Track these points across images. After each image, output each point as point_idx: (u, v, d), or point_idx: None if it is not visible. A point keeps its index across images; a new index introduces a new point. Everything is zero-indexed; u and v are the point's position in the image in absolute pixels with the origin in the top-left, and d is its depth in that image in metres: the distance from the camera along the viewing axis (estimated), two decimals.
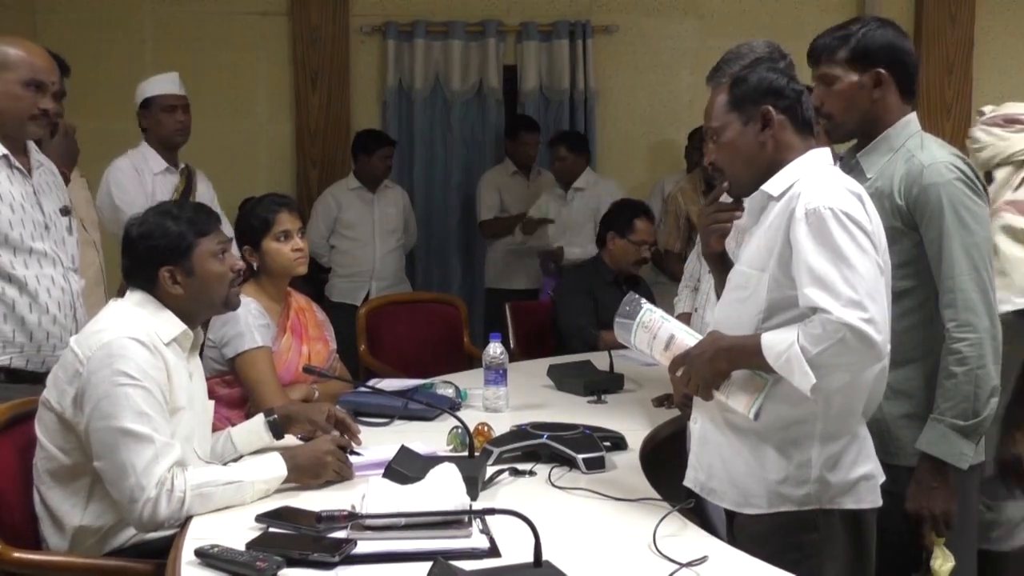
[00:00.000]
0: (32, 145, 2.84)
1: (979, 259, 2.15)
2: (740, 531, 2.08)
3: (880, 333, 1.85)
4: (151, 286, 2.31)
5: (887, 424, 2.23)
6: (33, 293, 2.68)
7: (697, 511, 2.20)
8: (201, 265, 2.32)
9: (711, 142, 2.12)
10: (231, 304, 2.41)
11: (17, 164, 2.72)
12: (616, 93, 5.96)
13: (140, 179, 3.92)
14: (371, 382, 3.15)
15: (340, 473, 2.28)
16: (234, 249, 2.75)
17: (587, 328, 4.10)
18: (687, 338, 2.09)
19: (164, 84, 4.06)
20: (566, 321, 4.20)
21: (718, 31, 5.83)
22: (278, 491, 2.21)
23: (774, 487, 2.00)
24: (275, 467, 2.23)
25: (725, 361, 1.99)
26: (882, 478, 2.05)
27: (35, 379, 2.67)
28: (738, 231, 2.57)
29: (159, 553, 2.08)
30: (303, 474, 2.25)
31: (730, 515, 2.13)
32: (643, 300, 2.16)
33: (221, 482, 2.15)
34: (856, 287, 1.85)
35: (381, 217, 5.22)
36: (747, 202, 2.12)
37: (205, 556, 1.84)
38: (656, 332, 2.10)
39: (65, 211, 2.86)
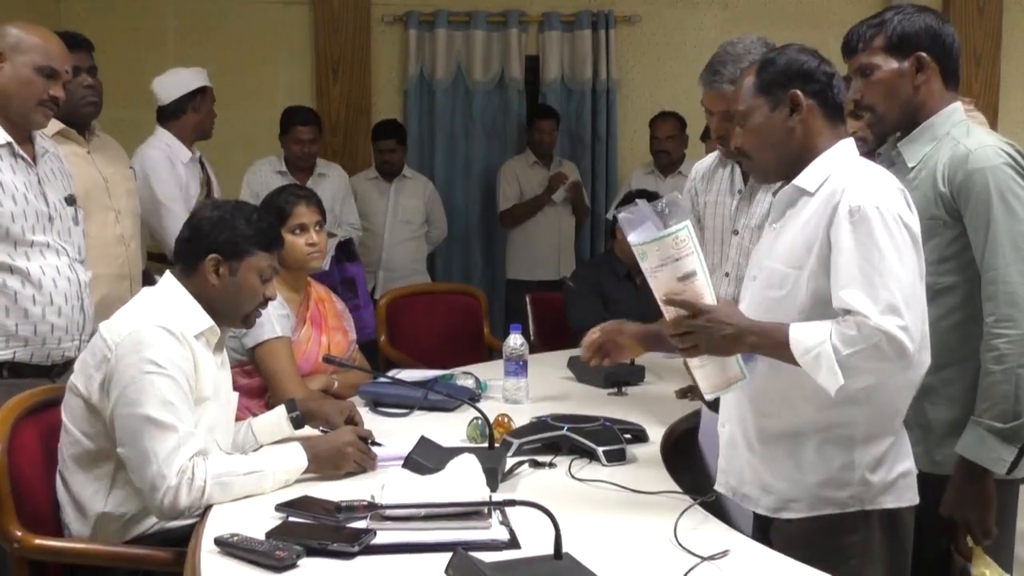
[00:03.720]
0: (37, 132, 2.79)
1: None
2: (777, 535, 2.02)
3: (913, 341, 1.80)
4: (192, 269, 2.33)
5: (933, 431, 2.15)
6: (37, 284, 2.63)
7: (717, 504, 2.18)
8: (246, 273, 2.35)
9: (737, 126, 2.05)
10: (249, 322, 2.44)
11: (21, 153, 2.67)
12: (638, 83, 5.93)
13: (174, 170, 3.95)
14: (391, 373, 3.15)
15: (361, 464, 2.28)
16: None
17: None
18: (707, 290, 1.93)
19: (206, 76, 4.09)
20: (573, 323, 4.16)
21: (742, 21, 5.78)
22: (298, 481, 2.21)
23: (815, 490, 1.95)
24: (295, 458, 2.23)
25: (746, 344, 1.90)
26: (915, 473, 1.99)
27: (40, 373, 2.66)
28: (752, 228, 2.53)
29: (180, 541, 2.09)
30: (323, 465, 2.25)
31: (764, 519, 2.07)
32: (687, 221, 1.91)
33: (241, 472, 2.15)
34: (894, 292, 1.79)
35: (395, 207, 5.20)
36: (775, 197, 2.06)
37: (225, 545, 1.84)
38: (683, 256, 1.89)
39: (71, 200, 2.82)
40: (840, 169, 1.93)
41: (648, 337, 2.62)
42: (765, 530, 2.08)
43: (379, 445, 2.40)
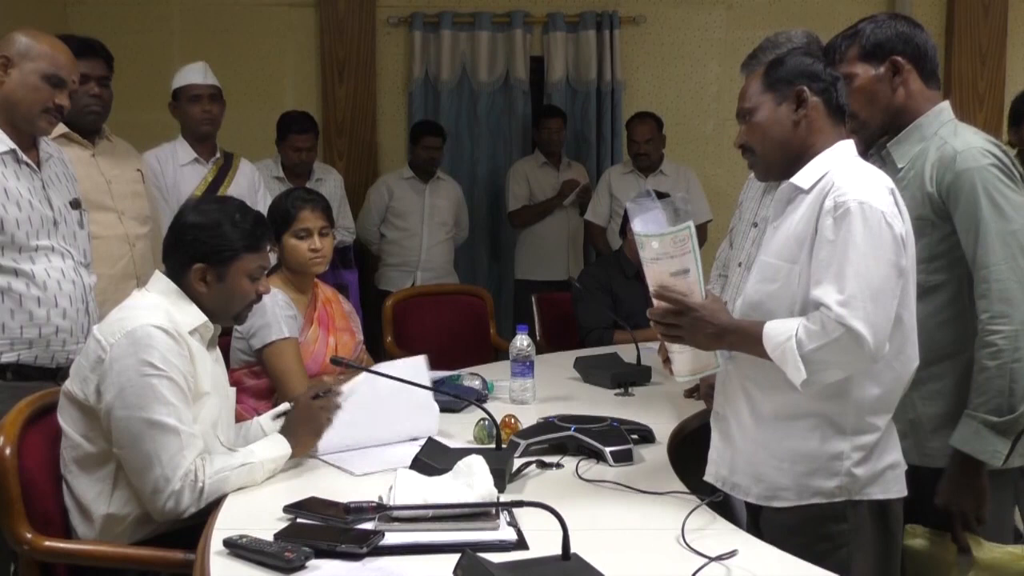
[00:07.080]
0: (41, 136, 2.81)
1: (1016, 247, 2.08)
2: (767, 524, 2.06)
3: (875, 336, 1.84)
4: (180, 273, 2.33)
5: (922, 425, 2.19)
6: (42, 286, 2.65)
7: (724, 505, 2.19)
8: (234, 278, 2.34)
9: (742, 123, 2.09)
10: (240, 319, 2.45)
11: (25, 159, 2.70)
12: (643, 84, 5.93)
13: (159, 171, 3.95)
14: None
15: (327, 410, 2.36)
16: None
17: (600, 331, 4.07)
18: (697, 288, 2.00)
19: (190, 75, 4.10)
20: (582, 322, 4.17)
21: (746, 22, 5.79)
22: (306, 482, 2.22)
23: (803, 480, 1.99)
24: (279, 445, 2.29)
25: (725, 343, 1.99)
26: (905, 467, 2.03)
27: (44, 375, 2.67)
28: (752, 223, 2.54)
29: (188, 543, 2.09)
30: (305, 439, 2.32)
31: (755, 509, 2.11)
32: (691, 222, 1.99)
33: (235, 465, 2.19)
34: (862, 287, 1.84)
35: (431, 208, 5.23)
36: (775, 196, 2.10)
37: (233, 546, 1.84)
38: (680, 255, 1.97)
39: (75, 204, 2.83)
40: (836, 167, 1.97)
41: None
42: (756, 520, 2.12)
43: (338, 393, 2.43)
